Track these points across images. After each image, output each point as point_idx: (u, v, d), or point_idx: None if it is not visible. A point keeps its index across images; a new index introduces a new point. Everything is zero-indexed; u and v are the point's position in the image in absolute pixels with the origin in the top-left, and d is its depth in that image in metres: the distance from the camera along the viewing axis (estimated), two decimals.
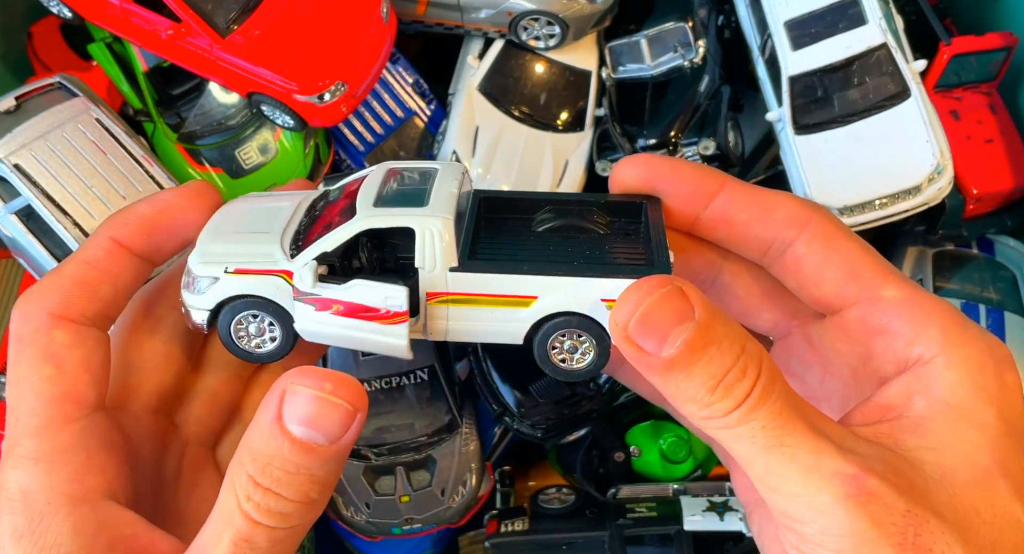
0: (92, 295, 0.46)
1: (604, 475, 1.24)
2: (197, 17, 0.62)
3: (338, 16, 0.61)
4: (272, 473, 0.40)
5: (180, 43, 0.68)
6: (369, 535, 1.24)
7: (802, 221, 0.48)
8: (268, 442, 0.41)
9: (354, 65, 0.61)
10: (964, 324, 0.45)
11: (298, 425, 0.41)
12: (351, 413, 0.42)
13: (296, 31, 0.62)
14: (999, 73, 1.21)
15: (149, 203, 0.49)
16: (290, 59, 0.64)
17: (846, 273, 0.47)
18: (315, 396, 0.41)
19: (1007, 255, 1.25)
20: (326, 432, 0.41)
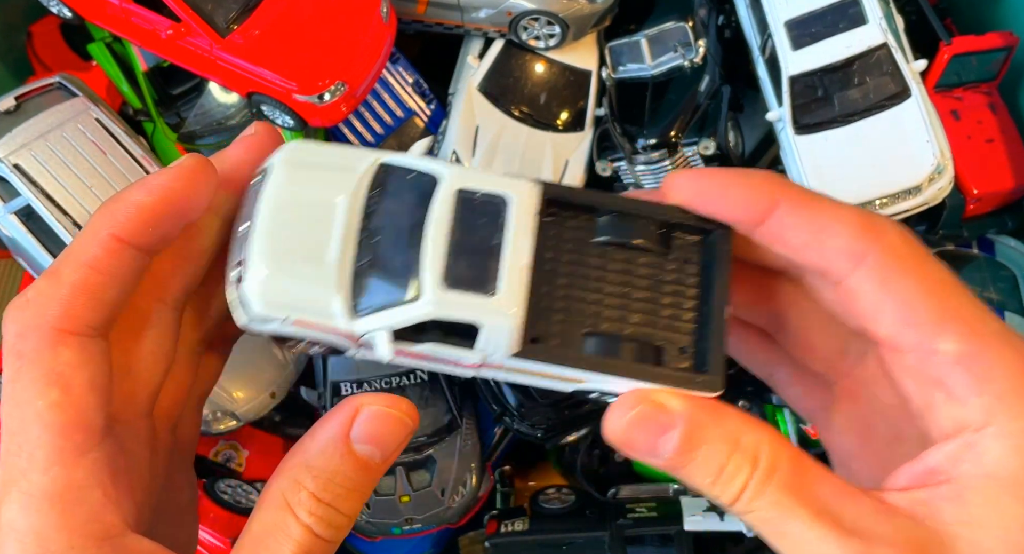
0: (97, 302, 0.42)
1: (604, 475, 1.24)
2: (197, 17, 0.61)
3: (338, 16, 0.60)
4: (334, 489, 0.41)
5: (180, 43, 0.68)
6: (369, 535, 1.24)
7: (859, 254, 0.44)
8: (332, 459, 0.42)
9: (354, 65, 0.61)
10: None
11: (367, 445, 0.42)
12: (410, 431, 0.44)
13: (296, 31, 0.61)
14: (999, 73, 1.21)
15: (146, 190, 0.44)
16: (290, 59, 0.64)
17: (902, 318, 0.43)
18: (390, 416, 0.43)
19: (1007, 255, 1.25)
20: (385, 452, 0.43)
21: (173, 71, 1.20)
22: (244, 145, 0.50)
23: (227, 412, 1.14)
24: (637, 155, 1.25)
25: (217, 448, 1.27)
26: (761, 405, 1.22)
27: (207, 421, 1.13)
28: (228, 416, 1.14)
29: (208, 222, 0.48)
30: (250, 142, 0.50)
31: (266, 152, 0.48)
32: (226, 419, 1.14)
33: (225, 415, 1.14)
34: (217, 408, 1.13)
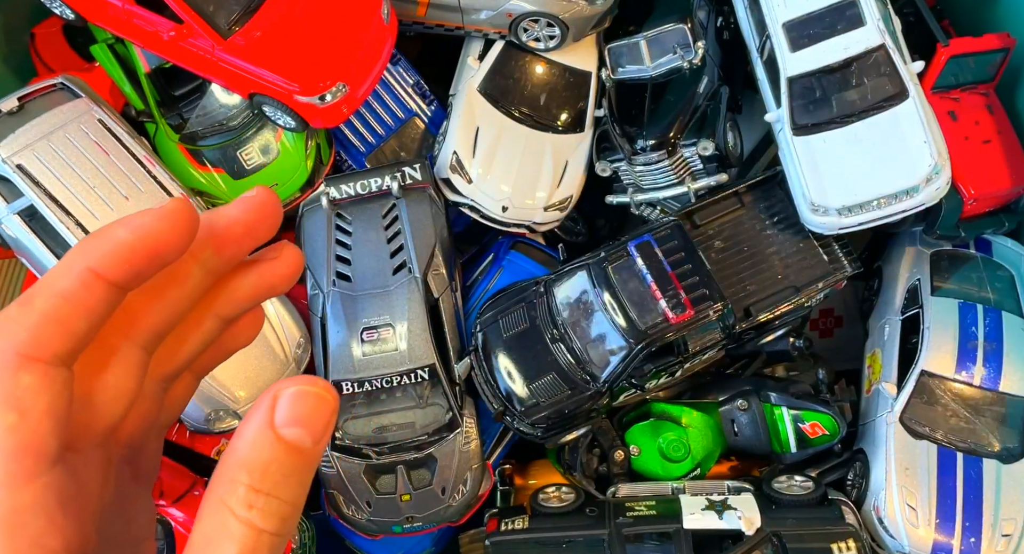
0: (65, 332, 0.43)
1: (604, 474, 1.25)
2: (199, 18, 0.61)
3: (339, 18, 0.60)
4: (271, 478, 0.41)
5: (182, 44, 0.68)
6: (370, 533, 1.24)
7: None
8: (262, 449, 0.41)
9: (355, 66, 0.61)
10: None
11: (292, 427, 0.42)
12: (334, 410, 0.43)
13: (297, 32, 0.62)
14: (997, 74, 1.21)
15: (127, 227, 0.45)
16: (291, 60, 0.64)
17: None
18: (310, 393, 0.42)
19: (1005, 255, 1.25)
20: (314, 432, 0.42)
21: (175, 72, 1.21)
22: (242, 206, 0.50)
23: (229, 411, 1.14)
24: (636, 156, 1.25)
25: (219, 447, 1.28)
26: (760, 404, 1.23)
27: (209, 420, 1.13)
28: (230, 415, 1.14)
29: (191, 270, 0.49)
30: (249, 204, 0.50)
31: (265, 215, 0.49)
32: (228, 418, 1.15)
33: (227, 414, 1.14)
34: (219, 407, 1.14)
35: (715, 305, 1.11)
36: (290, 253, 0.51)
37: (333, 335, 1.22)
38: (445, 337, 1.25)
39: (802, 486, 1.11)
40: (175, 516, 1.17)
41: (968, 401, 1.14)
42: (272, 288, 0.51)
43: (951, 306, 1.19)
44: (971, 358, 1.15)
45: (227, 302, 0.51)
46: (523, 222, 1.29)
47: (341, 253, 1.26)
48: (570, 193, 1.29)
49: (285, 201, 1.27)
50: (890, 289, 1.30)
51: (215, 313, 0.50)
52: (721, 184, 1.26)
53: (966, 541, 1.06)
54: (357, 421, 1.23)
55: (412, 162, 1.26)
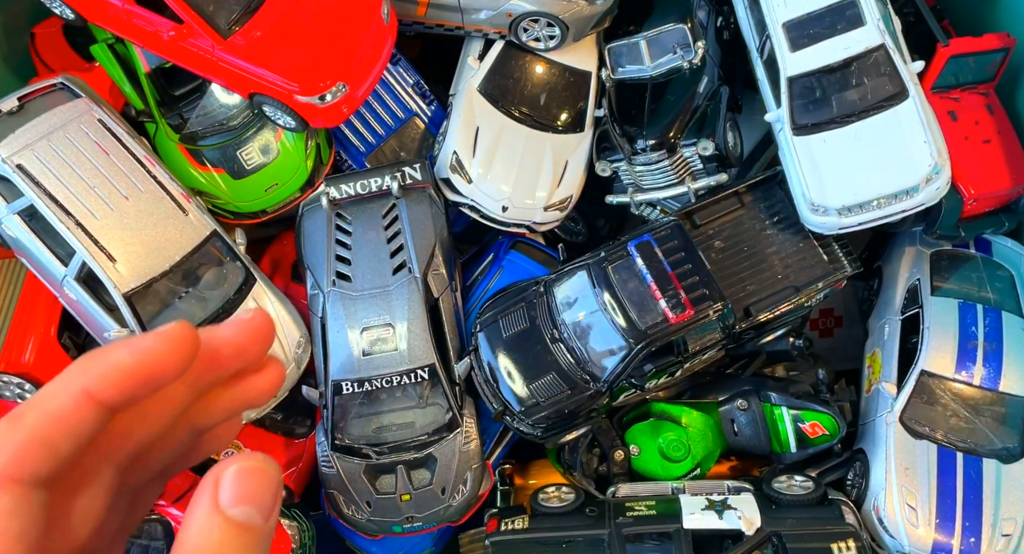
0: (50, 454, 0.43)
1: (604, 474, 1.25)
2: (199, 18, 0.61)
3: (339, 18, 0.60)
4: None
5: (182, 44, 0.67)
6: (370, 533, 1.24)
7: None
8: (211, 533, 0.41)
9: (355, 66, 0.60)
10: None
11: (238, 506, 0.41)
12: (279, 483, 0.43)
13: (297, 32, 0.61)
14: (997, 74, 1.21)
15: (128, 350, 0.45)
16: (291, 60, 0.64)
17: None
18: (254, 469, 0.42)
19: (1005, 255, 1.25)
20: (262, 508, 0.41)
21: (175, 72, 1.21)
22: (236, 329, 0.49)
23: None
24: (636, 156, 1.25)
25: None
26: (760, 404, 1.23)
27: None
28: None
29: (180, 391, 0.48)
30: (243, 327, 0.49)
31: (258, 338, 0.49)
32: None
33: None
34: None
35: (715, 305, 1.11)
36: (272, 370, 0.50)
37: (333, 335, 1.22)
38: (445, 337, 1.25)
39: (802, 486, 1.11)
40: (175, 516, 1.17)
41: (968, 401, 1.14)
42: (249, 403, 0.50)
43: (951, 306, 1.19)
44: (971, 358, 1.15)
45: (205, 415, 0.50)
46: (523, 222, 1.29)
47: (341, 253, 1.26)
48: (570, 193, 1.29)
49: (285, 201, 1.27)
50: (890, 289, 1.30)
51: (191, 425, 0.49)
52: (721, 184, 1.26)
53: (966, 541, 1.06)
54: (357, 421, 1.23)
55: (412, 162, 1.26)
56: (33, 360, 1.18)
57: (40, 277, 1.15)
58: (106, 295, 1.10)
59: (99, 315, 1.12)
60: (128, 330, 1.10)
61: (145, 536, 1.15)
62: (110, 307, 1.11)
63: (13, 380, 1.18)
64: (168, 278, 1.12)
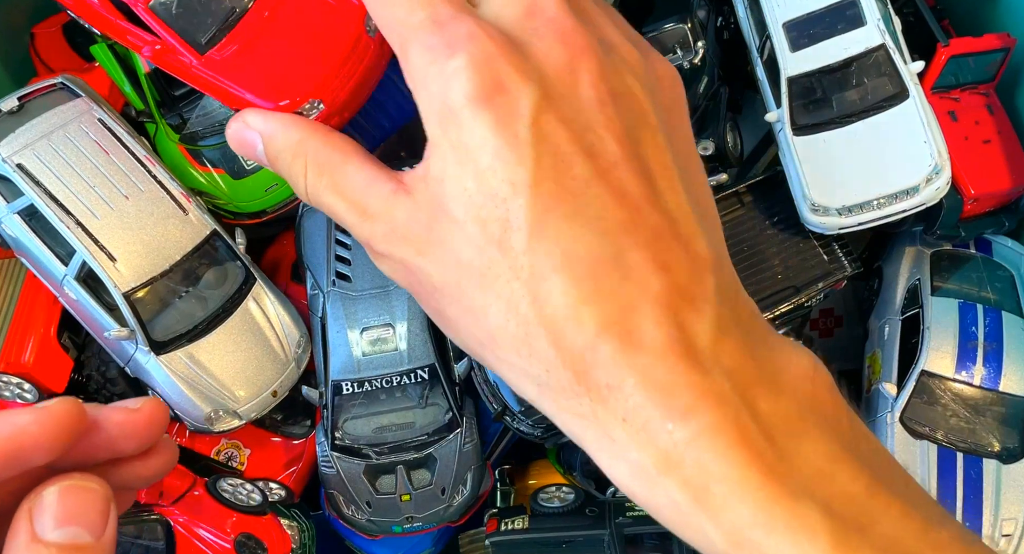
0: None
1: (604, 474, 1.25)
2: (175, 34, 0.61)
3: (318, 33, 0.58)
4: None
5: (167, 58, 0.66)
6: (370, 533, 1.24)
7: None
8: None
9: (331, 81, 0.58)
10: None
11: (57, 529, 0.37)
12: (106, 499, 0.39)
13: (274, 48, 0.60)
14: (997, 74, 1.21)
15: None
16: (261, 76, 0.61)
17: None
18: (70, 487, 0.38)
19: (1005, 255, 1.25)
20: (89, 525, 0.38)
21: None
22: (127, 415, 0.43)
23: (229, 411, 1.14)
24: None
25: (219, 447, 1.28)
26: None
27: (209, 420, 1.13)
28: (230, 415, 1.14)
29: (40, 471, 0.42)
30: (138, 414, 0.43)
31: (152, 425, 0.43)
32: (228, 418, 1.15)
33: (227, 414, 1.14)
34: (219, 407, 1.14)
35: None
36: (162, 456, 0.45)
37: (333, 335, 1.21)
38: (445, 337, 1.24)
39: None
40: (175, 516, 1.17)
41: (968, 401, 1.14)
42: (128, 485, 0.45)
43: (951, 306, 1.19)
44: (971, 358, 1.15)
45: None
46: None
47: (341, 253, 1.26)
48: None
49: (285, 201, 1.27)
50: (890, 289, 1.30)
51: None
52: (721, 184, 1.26)
53: None
54: (357, 421, 1.22)
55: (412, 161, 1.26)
56: (33, 360, 1.18)
57: (40, 277, 1.15)
58: (106, 295, 1.09)
59: (99, 315, 1.11)
60: (128, 329, 1.10)
61: (146, 536, 1.15)
62: (110, 307, 1.11)
63: (13, 380, 1.18)
64: (168, 278, 1.12)
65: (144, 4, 0.53)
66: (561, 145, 0.44)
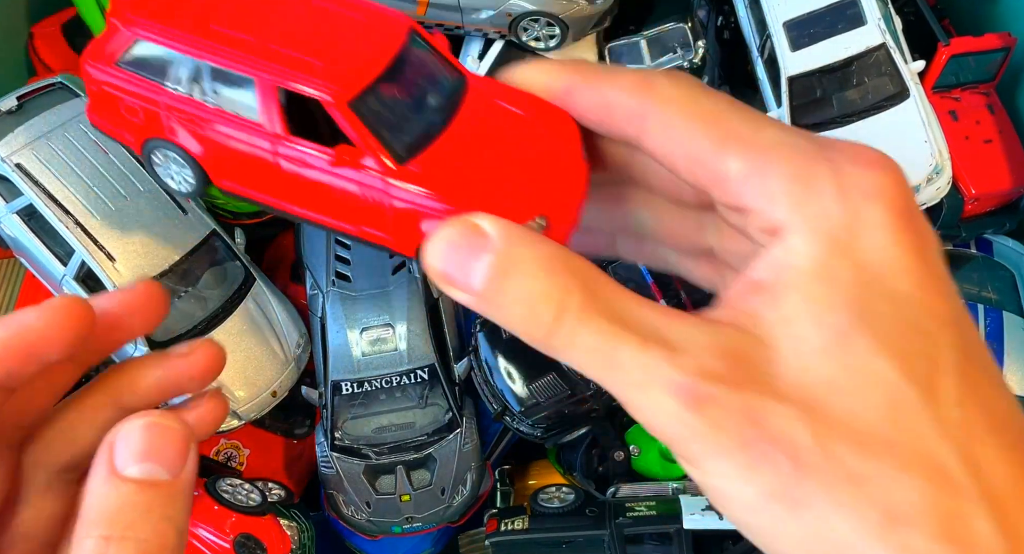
0: None
1: (604, 474, 1.25)
2: (373, 138, 0.45)
3: (530, 148, 0.48)
4: (124, 520, 0.37)
5: (336, 180, 0.49)
6: (370, 534, 1.24)
7: (639, 116, 0.43)
8: (107, 497, 0.38)
9: (555, 197, 0.46)
10: (809, 170, 0.39)
11: (135, 465, 0.38)
12: (186, 438, 0.39)
13: (484, 161, 0.47)
14: (997, 74, 1.21)
15: (3, 325, 0.42)
16: (473, 188, 0.47)
17: (690, 161, 0.42)
18: (148, 424, 0.39)
19: (1005, 255, 1.25)
20: (166, 463, 0.39)
21: None
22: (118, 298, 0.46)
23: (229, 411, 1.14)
24: None
25: (218, 447, 1.28)
26: None
27: None
28: (230, 415, 1.14)
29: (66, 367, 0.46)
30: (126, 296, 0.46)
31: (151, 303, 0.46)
32: (227, 418, 1.15)
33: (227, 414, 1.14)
34: None
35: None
36: (202, 354, 0.46)
37: (332, 335, 1.21)
38: (445, 337, 1.24)
39: None
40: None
41: None
42: (179, 387, 0.46)
43: None
44: None
45: (129, 393, 0.46)
46: None
47: (340, 253, 1.26)
48: None
49: None
50: None
51: (115, 403, 0.46)
52: None
53: None
54: (356, 421, 1.22)
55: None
56: None
57: (39, 277, 1.15)
58: None
59: None
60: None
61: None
62: None
63: None
64: (167, 277, 1.11)
65: (345, 100, 0.45)
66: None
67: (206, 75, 0.46)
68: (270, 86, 0.45)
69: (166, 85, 0.46)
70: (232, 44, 0.45)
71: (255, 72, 0.45)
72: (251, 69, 0.45)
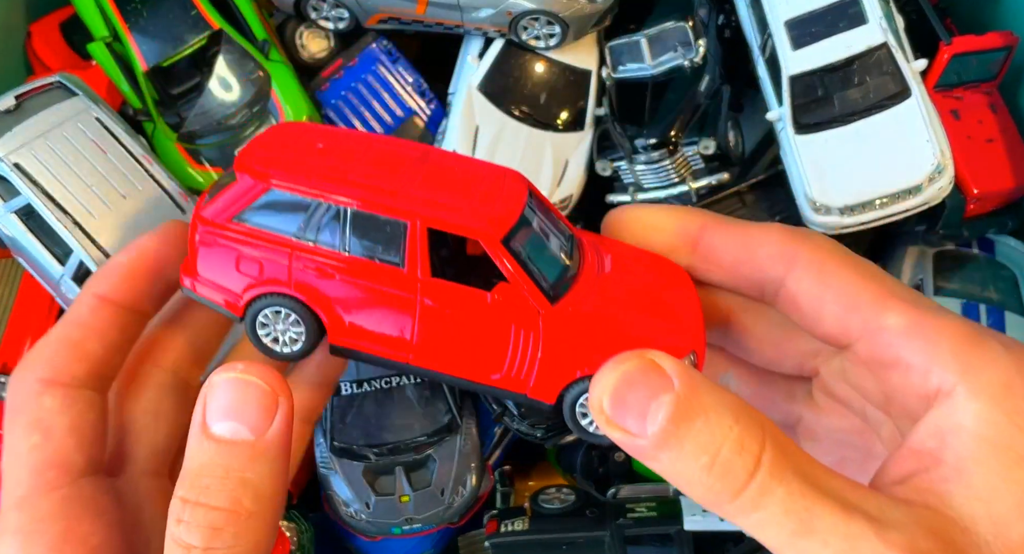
0: (80, 355, 0.45)
1: (604, 475, 1.24)
2: (527, 278, 0.45)
3: (660, 287, 0.49)
4: (201, 483, 0.37)
5: (486, 319, 0.48)
6: (369, 535, 1.24)
7: (789, 256, 0.44)
8: (195, 454, 0.38)
9: (700, 333, 0.47)
10: (978, 340, 0.39)
11: (220, 421, 0.38)
12: (269, 394, 0.39)
13: (625, 301, 0.48)
14: (1000, 72, 1.21)
15: (125, 251, 0.47)
16: (625, 327, 0.47)
17: (844, 306, 0.43)
18: (230, 379, 0.39)
19: (1008, 255, 1.25)
20: (248, 421, 0.38)
21: (173, 70, 1.20)
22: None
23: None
24: (637, 155, 1.25)
25: None
26: None
27: None
28: None
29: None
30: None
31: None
32: None
33: None
34: None
35: None
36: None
37: None
38: None
39: None
40: None
41: None
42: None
43: (954, 306, 1.18)
44: None
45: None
46: None
47: None
48: (570, 192, 1.29)
49: None
50: None
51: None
52: (723, 183, 1.25)
53: None
54: (356, 422, 1.22)
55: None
56: None
57: (37, 277, 1.14)
58: None
59: None
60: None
61: None
62: None
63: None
64: None
65: (498, 238, 0.44)
66: None
67: (345, 224, 0.44)
68: (421, 229, 0.44)
69: (297, 236, 0.45)
70: (377, 192, 0.44)
71: (408, 215, 0.44)
72: (404, 212, 0.44)
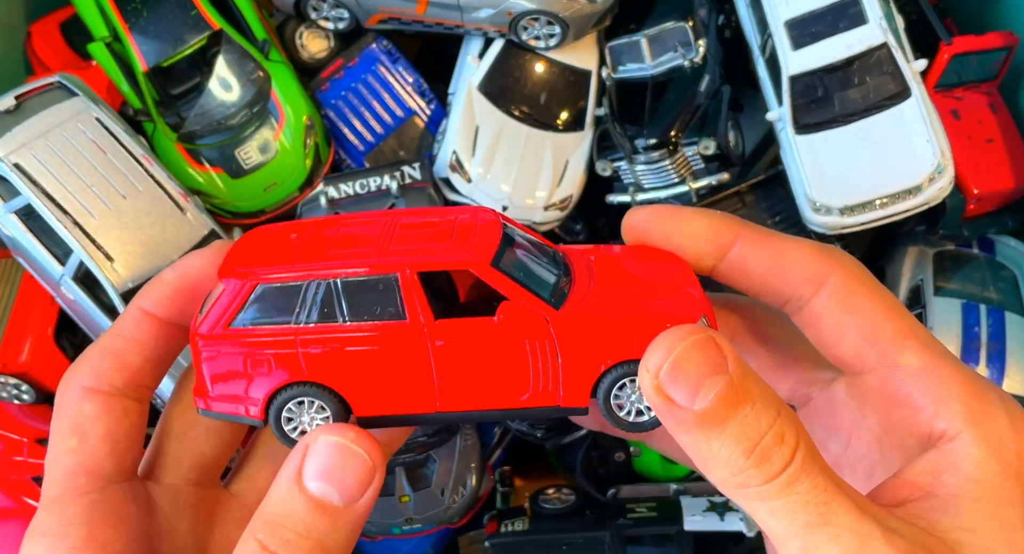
0: (120, 365, 0.47)
1: (604, 475, 1.24)
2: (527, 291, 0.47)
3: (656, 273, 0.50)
4: (282, 535, 0.38)
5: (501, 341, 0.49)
6: (369, 535, 1.24)
7: (819, 278, 0.46)
8: (283, 502, 0.39)
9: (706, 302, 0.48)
10: (982, 393, 0.43)
11: (316, 480, 0.39)
12: (370, 468, 0.40)
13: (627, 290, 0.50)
14: (1000, 73, 1.21)
15: (172, 268, 0.49)
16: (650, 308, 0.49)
17: (864, 336, 0.45)
18: (336, 444, 0.40)
19: (1008, 255, 1.25)
20: (344, 489, 0.40)
21: (173, 71, 1.20)
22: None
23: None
24: (637, 155, 1.25)
25: None
26: None
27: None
28: None
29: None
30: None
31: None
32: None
33: None
34: None
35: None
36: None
37: None
38: None
39: None
40: None
41: None
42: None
43: (954, 306, 1.18)
44: (974, 358, 1.14)
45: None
46: (523, 222, 1.28)
47: None
48: (570, 192, 1.29)
49: (283, 200, 1.27)
50: (893, 289, 1.29)
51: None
52: (723, 183, 1.25)
53: None
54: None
55: (411, 161, 1.26)
56: (30, 361, 1.18)
57: (37, 277, 1.14)
58: (104, 295, 1.09)
59: (97, 315, 1.11)
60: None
61: None
62: (108, 307, 1.11)
63: (10, 381, 1.18)
64: None
65: (486, 262, 0.46)
66: None
67: (339, 296, 0.46)
68: (412, 276, 0.45)
69: (296, 322, 0.46)
70: (359, 257, 0.46)
71: (397, 267, 0.45)
72: (392, 266, 0.45)
